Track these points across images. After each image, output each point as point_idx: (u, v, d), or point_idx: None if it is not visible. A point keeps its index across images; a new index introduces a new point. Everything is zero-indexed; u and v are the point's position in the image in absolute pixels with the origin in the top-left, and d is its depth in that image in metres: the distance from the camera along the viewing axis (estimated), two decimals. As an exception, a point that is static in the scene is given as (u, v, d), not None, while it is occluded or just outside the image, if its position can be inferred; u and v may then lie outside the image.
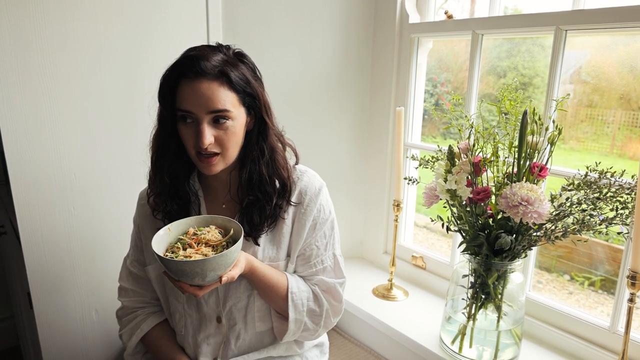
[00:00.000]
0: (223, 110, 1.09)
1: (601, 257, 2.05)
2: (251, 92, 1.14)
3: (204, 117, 1.09)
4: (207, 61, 1.08)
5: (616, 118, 1.79)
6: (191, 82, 1.08)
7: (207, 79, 1.08)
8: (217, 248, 1.11)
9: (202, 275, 1.04)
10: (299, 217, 1.25)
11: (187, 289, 1.09)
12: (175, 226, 1.15)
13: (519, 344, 1.53)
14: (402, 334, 1.71)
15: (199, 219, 1.18)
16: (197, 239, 1.11)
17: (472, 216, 1.43)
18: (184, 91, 1.09)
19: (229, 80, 1.09)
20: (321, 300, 1.28)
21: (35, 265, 1.52)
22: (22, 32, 1.38)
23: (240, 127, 1.15)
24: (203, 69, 1.07)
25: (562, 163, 1.55)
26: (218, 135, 1.11)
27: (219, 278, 1.07)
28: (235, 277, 1.11)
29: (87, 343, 1.67)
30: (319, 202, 1.26)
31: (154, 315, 1.34)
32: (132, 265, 1.33)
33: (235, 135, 1.14)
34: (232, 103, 1.10)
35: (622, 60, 1.70)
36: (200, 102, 1.07)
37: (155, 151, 1.21)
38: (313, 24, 1.94)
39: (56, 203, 1.52)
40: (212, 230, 1.14)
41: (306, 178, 1.27)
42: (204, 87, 1.07)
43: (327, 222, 1.29)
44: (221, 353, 1.28)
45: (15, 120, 1.41)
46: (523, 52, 2.00)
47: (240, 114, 1.14)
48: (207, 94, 1.07)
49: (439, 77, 2.27)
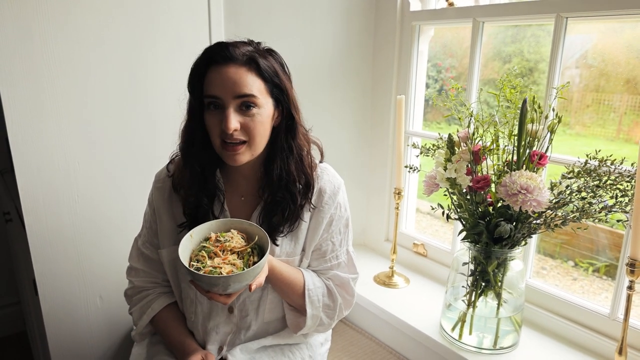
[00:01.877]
0: (250, 95, 1.08)
1: (605, 244, 2.05)
2: (279, 83, 1.14)
3: (230, 101, 1.08)
4: (237, 48, 1.09)
5: (622, 102, 1.78)
6: (219, 67, 1.08)
7: (235, 64, 1.08)
8: (242, 255, 1.10)
9: (232, 286, 1.05)
10: (316, 214, 1.26)
11: (216, 298, 1.09)
12: (197, 232, 1.14)
13: (519, 331, 1.54)
14: (402, 321, 1.72)
15: (220, 223, 1.16)
16: (221, 246, 1.10)
17: (472, 204, 1.43)
18: (212, 76, 1.09)
19: (257, 67, 1.10)
20: (335, 295, 1.29)
21: (40, 252, 1.54)
22: (25, 22, 1.38)
23: (268, 117, 1.14)
24: (232, 54, 1.08)
25: (567, 148, 1.54)
26: (244, 122, 1.10)
27: (248, 286, 1.09)
28: (263, 282, 1.12)
29: (92, 328, 1.70)
30: (337, 200, 1.27)
31: (164, 296, 1.34)
32: (144, 247, 1.33)
33: (263, 125, 1.13)
34: (259, 90, 1.10)
35: (628, 44, 1.68)
36: (227, 85, 1.07)
37: (184, 141, 1.20)
38: (314, 13, 1.93)
39: (60, 190, 1.54)
40: (235, 236, 1.13)
41: (326, 176, 1.28)
42: (231, 71, 1.08)
43: (342, 219, 1.30)
44: (229, 341, 1.29)
45: (20, 108, 1.42)
46: (528, 37, 1.98)
47: (268, 104, 1.13)
48: (235, 77, 1.07)
49: (444, 63, 2.26)
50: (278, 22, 1.86)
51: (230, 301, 1.12)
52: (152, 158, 1.65)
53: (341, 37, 2.01)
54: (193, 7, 1.65)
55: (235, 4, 1.75)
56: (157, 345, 1.35)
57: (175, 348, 1.28)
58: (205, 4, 1.67)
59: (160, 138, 1.65)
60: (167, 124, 1.21)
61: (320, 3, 1.93)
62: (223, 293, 1.08)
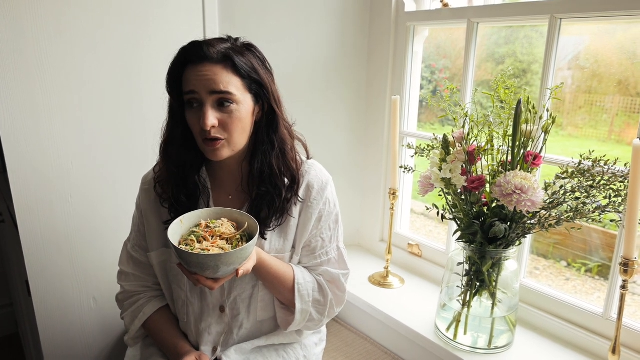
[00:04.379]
0: (225, 92, 1.09)
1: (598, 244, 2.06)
2: (258, 79, 1.14)
3: (207, 98, 1.09)
4: (212, 47, 1.09)
5: (614, 104, 1.79)
6: (195, 67, 1.09)
7: (210, 63, 1.08)
8: (231, 241, 1.11)
9: (221, 268, 1.05)
10: (305, 210, 1.26)
11: (202, 282, 1.09)
12: (187, 218, 1.15)
13: (514, 330, 1.55)
14: (397, 321, 1.72)
15: (210, 211, 1.17)
16: (211, 232, 1.11)
17: (467, 204, 1.44)
18: (188, 75, 1.10)
19: (232, 65, 1.10)
20: (326, 290, 1.29)
21: (33, 253, 1.53)
22: (18, 21, 1.37)
23: (247, 113, 1.14)
24: (207, 53, 1.08)
25: (560, 149, 1.55)
26: (222, 119, 1.11)
27: (235, 271, 1.08)
28: (250, 269, 1.12)
29: (85, 330, 1.69)
30: (325, 196, 1.27)
31: (155, 300, 1.34)
32: (134, 250, 1.33)
33: (241, 121, 1.13)
34: (236, 87, 1.10)
35: (621, 46, 1.69)
36: (202, 82, 1.08)
37: (164, 140, 1.22)
38: (309, 12, 1.93)
39: (53, 191, 1.53)
40: (225, 223, 1.13)
41: (313, 172, 1.28)
42: (206, 69, 1.08)
43: (332, 215, 1.30)
44: (222, 342, 1.28)
45: (12, 109, 1.41)
46: (521, 39, 1.99)
47: (246, 100, 1.13)
48: (209, 75, 1.08)
49: (438, 64, 2.27)
50: (273, 22, 1.86)
51: (217, 286, 1.11)
52: (146, 158, 1.64)
53: (336, 37, 2.01)
54: (188, 7, 1.65)
55: (230, 4, 1.75)
56: (151, 347, 1.34)
57: (168, 351, 1.28)
58: (199, 4, 1.67)
59: (154, 138, 1.63)
60: (161, 124, 1.21)
61: (315, 3, 1.93)
62: (210, 276, 1.08)
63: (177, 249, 1.05)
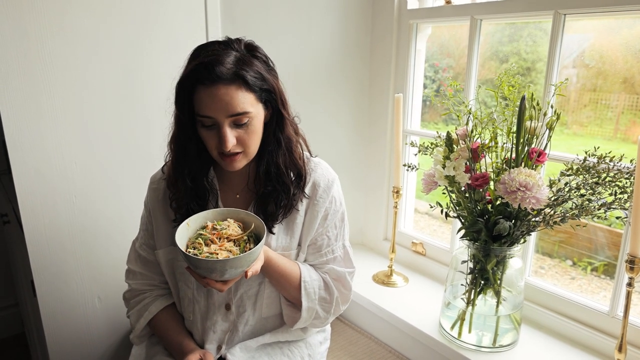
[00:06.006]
0: (243, 113, 1.08)
1: (603, 242, 2.04)
2: (267, 87, 1.13)
3: (224, 120, 1.08)
4: (222, 65, 1.06)
5: (620, 102, 1.78)
6: (208, 89, 1.06)
7: (223, 84, 1.06)
8: (238, 242, 1.11)
9: (229, 272, 1.05)
10: (311, 208, 1.26)
11: (212, 285, 1.09)
12: (194, 220, 1.15)
13: (518, 328, 1.54)
14: (402, 320, 1.72)
15: (216, 212, 1.17)
16: (218, 234, 1.11)
17: (471, 202, 1.43)
18: (202, 97, 1.07)
19: (245, 82, 1.08)
20: (331, 288, 1.29)
21: (38, 253, 1.54)
22: (21, 22, 1.38)
23: (260, 123, 1.15)
24: (219, 75, 1.05)
25: (564, 148, 1.54)
26: (239, 136, 1.11)
27: (244, 272, 1.08)
28: (259, 270, 1.12)
29: (90, 330, 1.69)
30: (331, 193, 1.27)
31: (162, 298, 1.34)
32: (141, 249, 1.33)
33: (256, 134, 1.14)
34: (250, 103, 1.10)
35: (626, 43, 1.68)
36: (220, 107, 1.07)
37: (176, 154, 1.20)
38: (311, 10, 1.93)
39: (58, 191, 1.53)
40: (231, 224, 1.13)
41: (320, 170, 1.28)
42: (221, 92, 1.06)
43: (338, 213, 1.30)
44: (227, 340, 1.29)
45: (16, 109, 1.42)
46: (525, 37, 1.98)
47: (259, 111, 1.13)
48: (226, 99, 1.06)
49: (441, 63, 2.26)
50: (275, 20, 1.86)
51: (227, 288, 1.11)
52: (149, 158, 1.64)
53: (338, 35, 2.01)
54: (190, 7, 1.65)
55: (232, 3, 1.75)
56: (156, 345, 1.35)
57: (173, 349, 1.28)
58: (201, 3, 1.67)
59: (158, 138, 1.63)
60: (164, 124, 1.21)
61: (317, 1, 1.93)
62: (219, 279, 1.08)
63: (185, 255, 1.05)
